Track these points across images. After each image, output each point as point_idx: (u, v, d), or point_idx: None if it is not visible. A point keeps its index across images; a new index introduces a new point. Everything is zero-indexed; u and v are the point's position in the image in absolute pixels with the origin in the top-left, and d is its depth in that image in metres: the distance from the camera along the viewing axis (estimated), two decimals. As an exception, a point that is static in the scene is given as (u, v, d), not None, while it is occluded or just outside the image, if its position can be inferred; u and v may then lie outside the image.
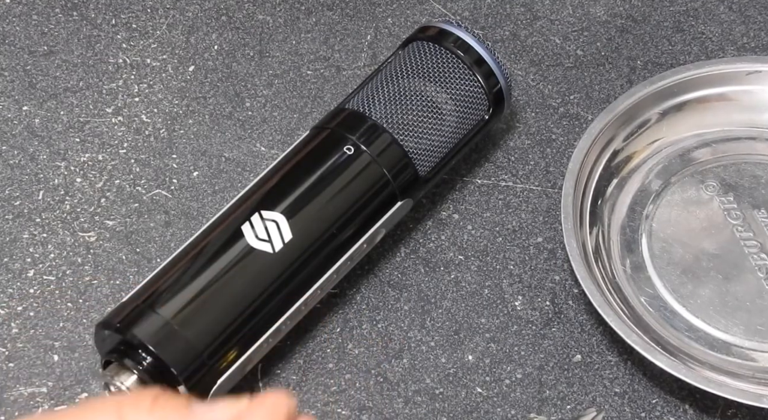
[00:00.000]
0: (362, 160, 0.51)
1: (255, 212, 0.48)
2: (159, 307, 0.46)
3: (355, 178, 0.51)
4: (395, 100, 0.52)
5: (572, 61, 0.62)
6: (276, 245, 0.48)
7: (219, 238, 0.48)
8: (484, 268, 0.55)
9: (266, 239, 0.48)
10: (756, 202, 0.56)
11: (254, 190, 0.50)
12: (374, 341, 0.53)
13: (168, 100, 0.61)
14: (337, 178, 0.50)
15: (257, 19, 0.64)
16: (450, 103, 0.53)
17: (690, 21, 0.64)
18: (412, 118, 0.52)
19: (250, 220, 0.48)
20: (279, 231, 0.48)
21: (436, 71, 0.53)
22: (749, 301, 0.52)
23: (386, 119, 0.52)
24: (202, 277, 0.47)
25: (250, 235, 0.48)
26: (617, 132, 0.57)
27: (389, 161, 0.51)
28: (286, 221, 0.48)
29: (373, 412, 0.51)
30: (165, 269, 0.48)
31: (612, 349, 0.52)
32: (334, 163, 0.51)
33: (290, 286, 0.48)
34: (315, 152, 0.51)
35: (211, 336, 0.46)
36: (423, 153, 0.52)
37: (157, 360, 0.45)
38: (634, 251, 0.55)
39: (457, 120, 0.53)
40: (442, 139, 0.53)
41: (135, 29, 0.64)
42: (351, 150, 0.51)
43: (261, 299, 0.47)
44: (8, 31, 0.64)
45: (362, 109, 0.52)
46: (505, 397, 0.51)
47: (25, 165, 0.58)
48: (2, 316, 0.53)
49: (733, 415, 0.50)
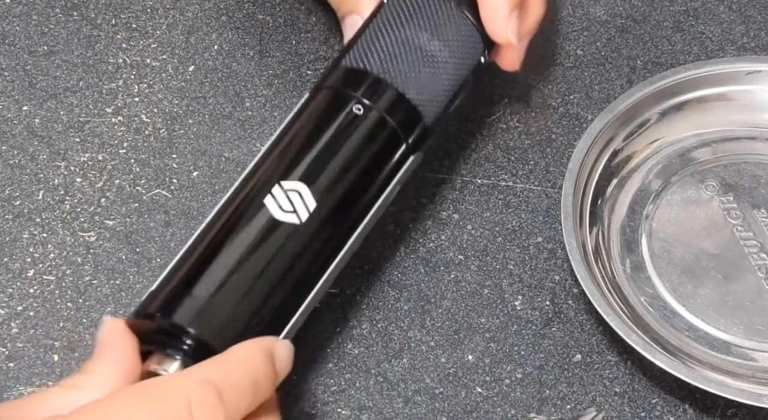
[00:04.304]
0: (372, 117, 0.50)
1: (275, 184, 0.47)
2: (193, 289, 0.45)
3: (369, 136, 0.49)
4: (391, 53, 0.51)
5: (572, 61, 0.62)
6: (302, 215, 0.47)
7: (243, 214, 0.47)
8: (484, 267, 0.55)
9: (291, 210, 0.47)
10: (756, 202, 0.56)
11: (268, 161, 0.49)
12: (374, 341, 0.53)
13: (168, 100, 0.61)
14: (351, 139, 0.49)
15: (257, 19, 0.64)
16: (445, 50, 0.52)
17: (690, 21, 0.64)
18: (412, 69, 0.51)
19: (272, 193, 0.47)
20: (303, 200, 0.47)
21: (427, 17, 0.52)
22: (749, 300, 0.52)
23: (387, 73, 0.50)
24: (231, 254, 0.46)
25: (274, 207, 0.47)
26: (617, 132, 0.57)
27: (398, 116, 0.50)
28: (308, 189, 0.47)
29: (373, 412, 0.51)
30: (189, 252, 0.47)
31: (612, 349, 0.52)
32: (345, 124, 0.49)
33: (320, 253, 0.47)
34: (324, 115, 0.50)
35: (250, 313, 0.45)
36: (427, 103, 0.51)
37: (200, 343, 0.44)
38: (634, 251, 0.55)
39: (454, 65, 0.52)
40: (444, 86, 0.52)
41: (135, 29, 0.64)
42: (360, 109, 0.50)
43: (294, 270, 0.46)
44: (8, 31, 0.64)
45: (360, 64, 0.51)
46: (505, 396, 0.51)
47: (25, 165, 0.58)
48: (2, 316, 0.53)
49: (733, 414, 0.50)
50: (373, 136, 0.50)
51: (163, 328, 0.44)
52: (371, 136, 0.50)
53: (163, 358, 0.44)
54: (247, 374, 0.41)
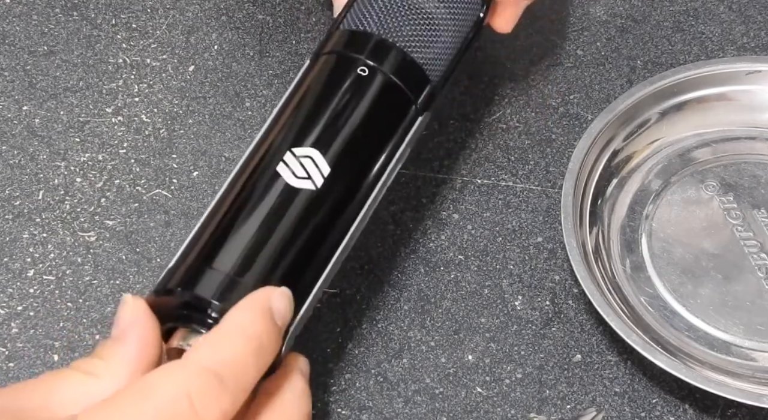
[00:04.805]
0: (379, 79, 0.49)
1: (287, 151, 0.46)
2: (214, 261, 0.43)
3: (377, 98, 0.49)
4: (391, 12, 0.50)
5: (572, 61, 0.62)
6: (317, 181, 0.46)
7: (257, 184, 0.46)
8: (484, 267, 0.55)
9: (306, 177, 0.46)
10: (756, 202, 0.56)
11: (276, 130, 0.48)
12: (374, 341, 0.53)
13: (168, 100, 0.61)
14: (358, 102, 0.48)
15: (257, 19, 0.64)
16: (442, 6, 0.51)
17: (690, 21, 0.64)
18: (413, 28, 0.50)
19: (284, 160, 0.46)
20: (316, 166, 0.46)
21: None
22: (749, 300, 0.52)
23: (388, 33, 0.50)
24: (249, 225, 0.45)
25: (288, 175, 0.46)
26: (617, 132, 0.57)
27: (404, 75, 0.49)
28: (321, 155, 0.46)
29: (373, 412, 0.51)
30: (204, 225, 0.45)
31: (612, 349, 0.52)
32: (352, 88, 0.48)
33: (338, 218, 0.47)
34: (329, 80, 0.49)
35: (274, 282, 0.44)
36: (432, 62, 0.51)
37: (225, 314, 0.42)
38: (634, 251, 0.55)
39: (454, 22, 0.52)
40: (447, 43, 0.51)
41: (135, 29, 0.64)
42: (365, 71, 0.49)
43: (314, 237, 0.46)
44: (8, 31, 0.64)
45: (360, 26, 0.50)
46: (505, 396, 0.51)
47: (25, 165, 0.58)
48: (2, 316, 0.53)
49: (733, 414, 0.50)
50: (380, 98, 0.49)
51: (186, 302, 0.43)
52: (379, 97, 0.49)
53: (188, 334, 0.43)
54: (248, 344, 0.39)
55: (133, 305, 0.41)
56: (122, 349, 0.40)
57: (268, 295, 0.42)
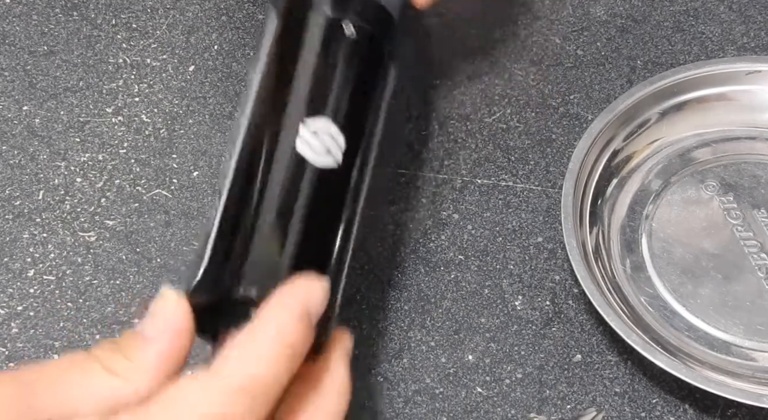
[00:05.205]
0: (365, 35, 0.47)
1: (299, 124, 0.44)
2: (251, 255, 0.41)
3: (367, 57, 0.47)
4: None
5: (572, 61, 0.62)
6: (337, 157, 0.44)
7: (278, 166, 0.43)
8: (484, 267, 0.55)
9: (326, 152, 0.44)
10: (756, 202, 0.56)
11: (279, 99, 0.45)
12: (374, 341, 0.53)
13: (168, 100, 0.61)
14: (356, 65, 0.46)
15: (257, 19, 0.64)
16: None
17: (690, 21, 0.64)
18: None
19: (303, 138, 0.44)
20: (335, 141, 0.45)
21: None
22: (749, 300, 0.52)
23: None
24: (280, 211, 0.42)
25: (309, 153, 0.44)
26: (617, 132, 0.57)
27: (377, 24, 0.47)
28: (336, 127, 0.44)
29: (373, 412, 0.51)
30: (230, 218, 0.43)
31: (612, 349, 0.52)
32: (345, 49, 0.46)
33: (358, 190, 0.45)
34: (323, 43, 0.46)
35: (315, 265, 0.42)
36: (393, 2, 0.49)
37: None
38: (634, 251, 0.55)
39: None
40: None
41: (135, 29, 0.64)
42: (353, 33, 0.46)
43: (344, 214, 0.44)
44: (8, 31, 0.64)
45: None
46: (505, 396, 0.51)
47: (25, 165, 0.58)
48: (2, 316, 0.53)
49: (733, 414, 0.50)
50: (369, 56, 0.47)
51: (233, 299, 0.40)
52: (369, 56, 0.47)
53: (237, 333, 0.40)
54: (282, 353, 0.36)
55: (176, 307, 0.38)
56: (154, 355, 0.37)
57: (307, 292, 0.39)
